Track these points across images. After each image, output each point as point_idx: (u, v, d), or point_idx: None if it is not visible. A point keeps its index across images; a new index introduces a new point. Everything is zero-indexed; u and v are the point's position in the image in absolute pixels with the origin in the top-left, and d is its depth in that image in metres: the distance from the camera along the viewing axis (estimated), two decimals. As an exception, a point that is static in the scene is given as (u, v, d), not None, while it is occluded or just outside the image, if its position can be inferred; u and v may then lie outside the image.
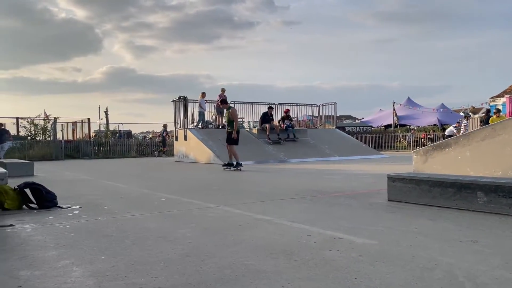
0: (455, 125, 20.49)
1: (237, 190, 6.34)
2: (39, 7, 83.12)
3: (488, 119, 16.51)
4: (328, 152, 15.81)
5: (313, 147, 16.32)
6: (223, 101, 11.31)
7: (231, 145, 10.12)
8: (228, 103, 11.42)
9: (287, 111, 17.37)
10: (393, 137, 26.29)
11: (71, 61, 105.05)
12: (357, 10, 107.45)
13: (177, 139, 16.62)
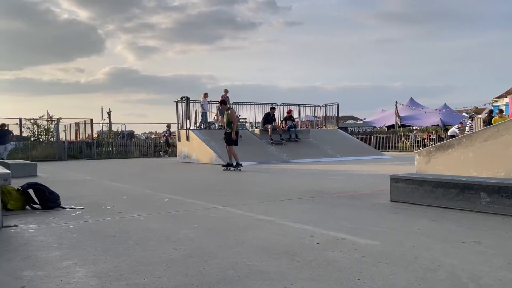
0: (457, 126, 20.48)
1: (239, 190, 6.34)
2: (41, 8, 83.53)
3: (490, 119, 16.47)
4: (330, 152, 15.81)
5: (315, 147, 16.31)
6: (223, 102, 11.52)
7: (231, 145, 10.30)
8: (227, 104, 11.62)
9: (289, 112, 17.38)
10: (395, 137, 26.26)
11: (74, 61, 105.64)
12: (359, 10, 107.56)
13: (179, 140, 16.66)
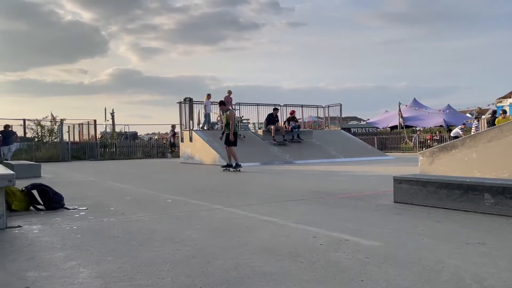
0: (461, 127, 20.40)
1: (242, 191, 6.34)
2: (45, 9, 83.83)
3: (494, 120, 16.41)
4: (333, 153, 15.79)
5: (318, 148, 16.30)
6: (221, 103, 11.64)
7: (230, 146, 10.43)
8: (226, 105, 11.82)
9: (292, 113, 17.37)
10: (399, 138, 26.19)
11: (78, 63, 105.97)
12: (363, 11, 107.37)
13: (182, 141, 16.69)
